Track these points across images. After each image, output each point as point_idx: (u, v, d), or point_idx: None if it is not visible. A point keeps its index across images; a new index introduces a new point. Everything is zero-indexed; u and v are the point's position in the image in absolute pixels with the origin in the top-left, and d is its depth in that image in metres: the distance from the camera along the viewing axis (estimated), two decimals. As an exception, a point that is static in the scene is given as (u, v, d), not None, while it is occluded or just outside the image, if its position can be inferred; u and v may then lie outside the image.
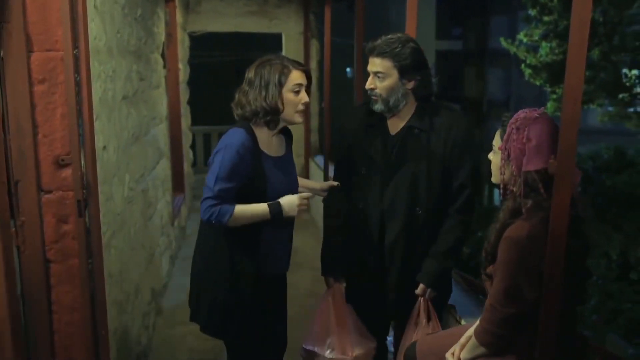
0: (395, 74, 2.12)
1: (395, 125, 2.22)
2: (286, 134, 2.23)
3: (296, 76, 2.06)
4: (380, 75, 2.13)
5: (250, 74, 2.08)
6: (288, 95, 2.05)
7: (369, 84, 2.16)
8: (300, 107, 2.08)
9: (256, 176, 2.04)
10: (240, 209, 2.01)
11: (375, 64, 2.13)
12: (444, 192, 2.18)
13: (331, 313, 2.34)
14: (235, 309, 2.12)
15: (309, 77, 2.12)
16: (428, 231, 2.19)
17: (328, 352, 2.31)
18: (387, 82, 2.13)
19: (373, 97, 2.18)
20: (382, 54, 2.11)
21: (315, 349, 2.33)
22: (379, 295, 2.27)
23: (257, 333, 2.19)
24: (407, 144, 2.18)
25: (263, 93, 2.03)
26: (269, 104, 2.03)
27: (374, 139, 2.22)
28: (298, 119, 2.11)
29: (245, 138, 2.02)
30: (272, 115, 2.05)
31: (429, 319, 2.22)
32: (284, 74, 2.04)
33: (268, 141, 2.12)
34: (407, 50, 2.11)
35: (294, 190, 2.17)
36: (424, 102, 2.21)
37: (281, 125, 2.12)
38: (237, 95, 2.10)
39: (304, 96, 2.08)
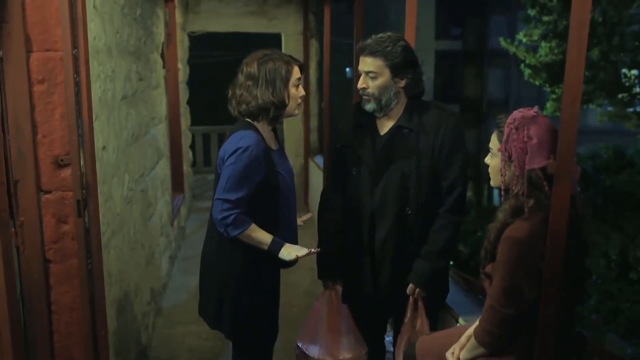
0: (387, 73, 2.13)
1: (385, 125, 2.23)
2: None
3: (297, 70, 2.12)
4: (372, 74, 2.13)
5: (250, 68, 2.07)
6: (292, 89, 2.10)
7: (361, 84, 2.16)
8: (299, 100, 2.14)
9: (270, 173, 2.07)
10: (253, 230, 2.04)
11: (367, 63, 2.13)
12: (434, 192, 2.18)
13: (324, 315, 2.35)
14: (260, 310, 2.15)
15: (302, 71, 2.17)
16: (418, 230, 2.19)
17: (316, 353, 2.32)
18: (379, 81, 2.13)
19: (365, 97, 2.18)
20: (373, 53, 2.11)
21: (305, 348, 2.35)
22: (373, 294, 2.27)
23: (268, 329, 2.23)
24: (395, 144, 2.19)
25: (270, 88, 2.05)
26: (278, 99, 2.06)
27: (364, 139, 2.23)
28: (297, 111, 2.17)
29: (258, 138, 2.05)
30: (280, 110, 2.09)
31: (416, 316, 2.22)
32: (288, 69, 2.08)
33: (269, 136, 2.16)
34: (398, 48, 2.12)
35: (293, 175, 2.25)
36: (415, 100, 2.22)
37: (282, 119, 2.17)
38: (236, 91, 2.10)
39: (301, 89, 2.15)
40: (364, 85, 2.16)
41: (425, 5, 14.03)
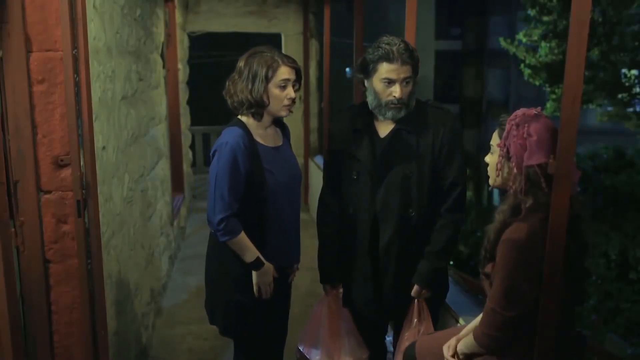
0: (413, 77, 2.13)
1: (385, 128, 2.21)
2: (280, 124, 2.25)
3: (284, 71, 2.06)
4: (408, 80, 2.11)
5: (241, 63, 2.09)
6: (274, 90, 2.05)
7: (400, 93, 2.10)
8: (286, 102, 2.09)
9: (255, 169, 2.06)
10: (240, 239, 2.07)
11: (403, 70, 2.09)
12: (436, 192, 2.17)
13: (325, 318, 2.35)
14: (251, 308, 2.15)
15: (298, 73, 2.11)
16: (422, 231, 2.19)
17: (318, 356, 2.32)
18: (411, 87, 2.13)
19: (397, 106, 2.12)
20: (407, 61, 2.09)
21: (306, 352, 2.35)
22: (375, 297, 2.27)
23: (268, 329, 2.23)
24: (396, 146, 2.17)
25: (249, 86, 2.05)
26: (254, 97, 2.04)
27: (362, 143, 2.21)
28: (284, 112, 2.12)
29: (239, 135, 2.04)
30: (256, 108, 2.07)
31: (423, 320, 2.22)
32: (272, 68, 2.04)
33: (263, 132, 2.14)
34: (416, 51, 2.14)
35: (296, 175, 2.23)
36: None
37: (267, 117, 2.13)
38: (227, 84, 2.12)
39: (290, 91, 2.08)
40: (402, 95, 2.11)
41: (425, 5, 14.03)
